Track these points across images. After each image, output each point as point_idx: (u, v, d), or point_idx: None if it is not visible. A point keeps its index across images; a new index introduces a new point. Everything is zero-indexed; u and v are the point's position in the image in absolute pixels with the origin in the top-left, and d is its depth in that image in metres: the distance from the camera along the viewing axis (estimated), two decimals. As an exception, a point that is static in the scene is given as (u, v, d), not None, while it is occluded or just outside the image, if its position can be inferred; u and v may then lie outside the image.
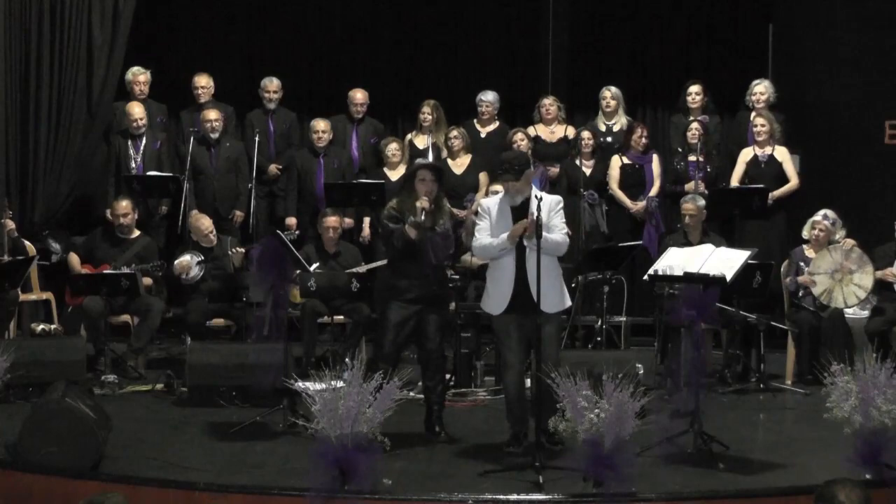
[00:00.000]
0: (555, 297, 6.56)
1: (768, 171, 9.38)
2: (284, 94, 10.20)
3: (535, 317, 6.39)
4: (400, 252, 6.82)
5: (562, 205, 6.78)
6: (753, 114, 9.59)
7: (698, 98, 9.85)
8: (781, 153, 9.41)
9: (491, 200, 6.82)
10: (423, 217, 6.73)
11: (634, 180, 9.68)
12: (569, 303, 6.84)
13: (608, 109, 10.06)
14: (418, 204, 6.75)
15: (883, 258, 8.44)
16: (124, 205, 8.87)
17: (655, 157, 9.74)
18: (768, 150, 9.39)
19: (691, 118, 9.75)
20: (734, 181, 9.41)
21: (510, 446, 6.60)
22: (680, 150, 9.73)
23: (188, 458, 6.41)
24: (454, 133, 9.79)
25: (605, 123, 10.08)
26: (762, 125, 9.34)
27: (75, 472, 5.90)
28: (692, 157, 9.42)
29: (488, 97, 10.15)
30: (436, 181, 6.87)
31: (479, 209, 6.91)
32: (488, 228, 6.65)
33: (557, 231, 6.60)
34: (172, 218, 9.56)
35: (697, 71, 10.41)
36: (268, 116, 10.13)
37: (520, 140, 9.63)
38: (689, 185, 9.31)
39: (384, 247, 7.17)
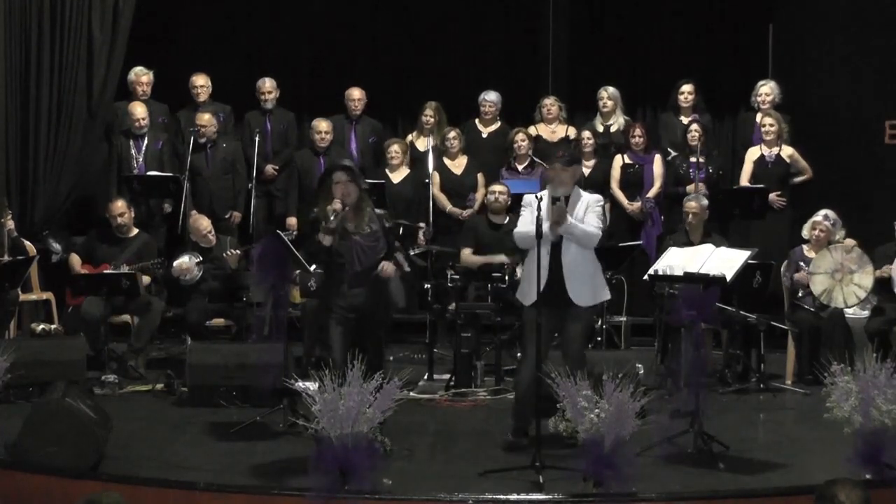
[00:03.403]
0: (588, 290, 6.65)
1: (775, 171, 9.40)
2: (283, 93, 10.21)
3: (537, 312, 6.42)
4: (330, 259, 6.63)
5: (601, 203, 6.88)
6: (761, 114, 9.60)
7: (690, 97, 9.88)
8: (788, 152, 9.43)
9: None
10: (334, 222, 6.50)
11: (634, 180, 9.69)
12: (607, 296, 6.93)
13: (605, 110, 10.07)
14: (329, 207, 6.51)
15: (883, 258, 8.43)
16: (119, 204, 8.87)
17: (657, 158, 9.73)
18: (775, 150, 9.41)
19: (687, 117, 9.79)
20: (743, 181, 9.42)
21: (513, 436, 6.64)
22: (670, 150, 9.77)
23: (188, 458, 6.41)
24: (451, 134, 9.81)
25: (602, 124, 10.09)
26: (770, 125, 9.36)
27: (75, 472, 5.89)
28: (693, 158, 9.43)
29: (491, 97, 10.16)
30: (352, 181, 6.61)
31: (523, 201, 6.81)
32: (528, 221, 6.66)
33: (589, 223, 6.67)
34: (172, 218, 9.56)
35: (697, 71, 10.42)
36: (265, 116, 10.14)
37: (521, 140, 9.67)
38: (691, 187, 9.30)
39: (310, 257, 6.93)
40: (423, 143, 9.90)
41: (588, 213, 6.70)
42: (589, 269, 6.70)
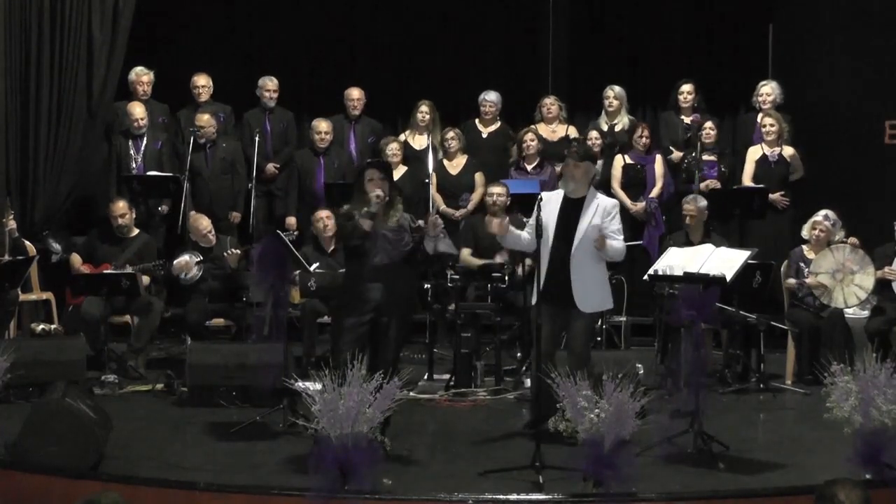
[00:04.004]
0: (593, 297, 6.75)
1: (778, 171, 9.42)
2: (283, 93, 10.22)
3: (537, 312, 6.49)
4: (352, 253, 6.67)
5: (618, 208, 6.92)
6: (761, 114, 9.61)
7: (689, 97, 9.89)
8: (789, 152, 9.44)
9: (550, 193, 6.90)
10: (376, 208, 6.57)
11: (636, 180, 9.69)
12: (610, 304, 7.04)
13: (611, 109, 10.07)
14: (372, 194, 6.59)
15: (883, 258, 8.43)
16: (121, 205, 8.87)
17: (658, 158, 9.74)
18: (777, 149, 9.42)
19: (687, 117, 9.82)
20: (746, 180, 9.44)
21: (527, 427, 6.69)
22: (672, 148, 9.78)
23: (188, 458, 6.41)
24: (451, 134, 9.81)
25: (607, 123, 10.09)
26: (771, 125, 9.38)
27: (75, 472, 5.89)
28: (707, 157, 9.46)
29: (491, 97, 10.16)
30: (385, 179, 6.71)
31: (537, 201, 6.84)
32: (532, 223, 6.78)
33: (614, 235, 6.75)
34: (172, 218, 9.57)
35: (697, 71, 10.42)
36: (265, 116, 10.14)
37: (530, 140, 9.68)
38: (705, 185, 9.33)
39: (344, 251, 7.00)
40: (420, 142, 9.90)
41: (611, 221, 6.78)
42: (597, 276, 6.80)
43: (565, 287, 6.68)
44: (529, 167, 9.70)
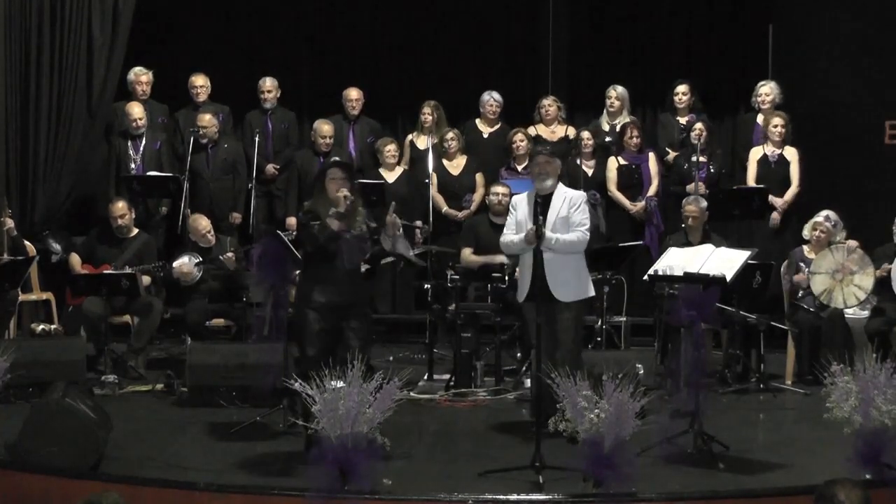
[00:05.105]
0: (572, 286, 6.80)
1: (778, 171, 9.42)
2: (283, 93, 10.22)
3: (536, 312, 6.48)
4: (316, 255, 6.58)
5: (584, 199, 7.00)
6: (763, 115, 9.62)
7: (685, 98, 9.89)
8: (791, 154, 9.44)
9: (521, 195, 7.00)
10: (344, 208, 6.49)
11: (632, 181, 9.69)
12: (591, 292, 7.05)
13: (612, 109, 10.06)
14: (339, 194, 6.51)
15: (883, 258, 8.43)
16: (120, 206, 8.86)
17: (652, 156, 9.75)
18: (778, 150, 9.42)
19: (683, 117, 9.81)
20: (750, 181, 9.44)
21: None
22: (668, 149, 9.77)
23: (188, 458, 6.41)
24: (450, 135, 9.82)
25: (608, 123, 10.08)
26: (782, 126, 9.38)
27: (75, 472, 5.89)
28: (695, 157, 9.45)
29: (496, 96, 10.17)
30: (346, 179, 6.63)
31: (510, 204, 7.07)
32: (514, 225, 6.91)
33: (576, 228, 6.81)
34: (172, 218, 9.56)
35: (697, 71, 10.41)
36: (266, 116, 10.14)
37: (519, 140, 9.68)
38: (691, 186, 9.32)
39: (302, 250, 6.91)
40: (424, 142, 9.90)
41: (575, 212, 6.84)
42: (570, 265, 6.82)
43: (542, 282, 6.69)
44: (520, 167, 9.69)
